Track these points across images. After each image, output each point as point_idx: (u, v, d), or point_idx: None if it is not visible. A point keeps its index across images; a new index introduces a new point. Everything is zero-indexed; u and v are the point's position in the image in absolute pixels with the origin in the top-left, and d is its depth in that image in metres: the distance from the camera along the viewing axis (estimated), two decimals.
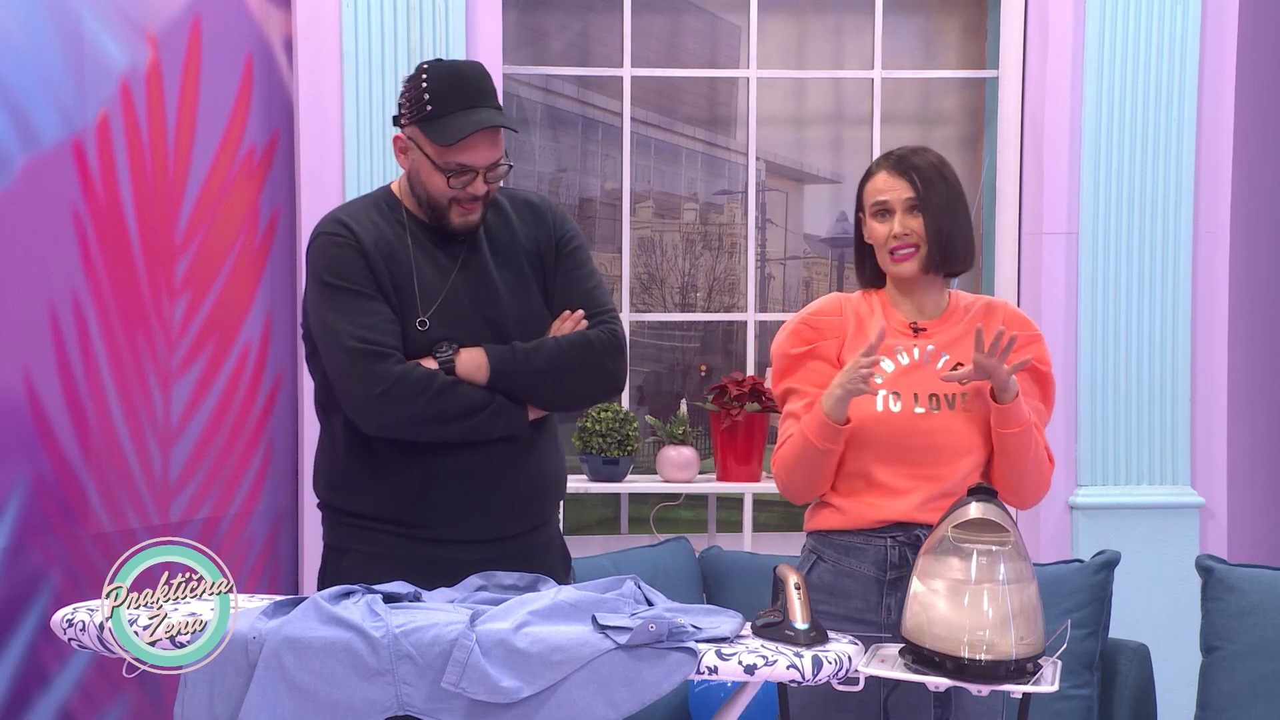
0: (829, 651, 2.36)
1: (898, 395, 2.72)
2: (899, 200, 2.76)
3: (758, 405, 4.29)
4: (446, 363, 2.76)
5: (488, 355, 2.77)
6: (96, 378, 3.58)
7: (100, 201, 3.60)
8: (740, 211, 4.87)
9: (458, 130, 2.73)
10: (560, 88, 4.83)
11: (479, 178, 2.78)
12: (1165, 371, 4.32)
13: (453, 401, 2.74)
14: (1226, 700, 3.54)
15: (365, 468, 2.82)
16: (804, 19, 4.89)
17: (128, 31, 3.69)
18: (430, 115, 2.75)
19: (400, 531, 2.81)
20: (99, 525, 3.59)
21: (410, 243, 2.82)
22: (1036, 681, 2.35)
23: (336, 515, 2.89)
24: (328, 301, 2.77)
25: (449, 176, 2.77)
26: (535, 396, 2.81)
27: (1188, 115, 4.29)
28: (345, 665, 2.30)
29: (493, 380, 2.77)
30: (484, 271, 2.85)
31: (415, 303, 2.79)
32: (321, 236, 2.82)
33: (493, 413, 2.77)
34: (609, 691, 2.30)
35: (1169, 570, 4.18)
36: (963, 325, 2.80)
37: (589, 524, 5.03)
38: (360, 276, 2.76)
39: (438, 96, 2.74)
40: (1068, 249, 4.34)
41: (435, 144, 2.75)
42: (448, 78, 2.77)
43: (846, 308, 2.83)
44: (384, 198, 2.89)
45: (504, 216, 2.90)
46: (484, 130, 2.74)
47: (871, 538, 2.73)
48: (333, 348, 2.76)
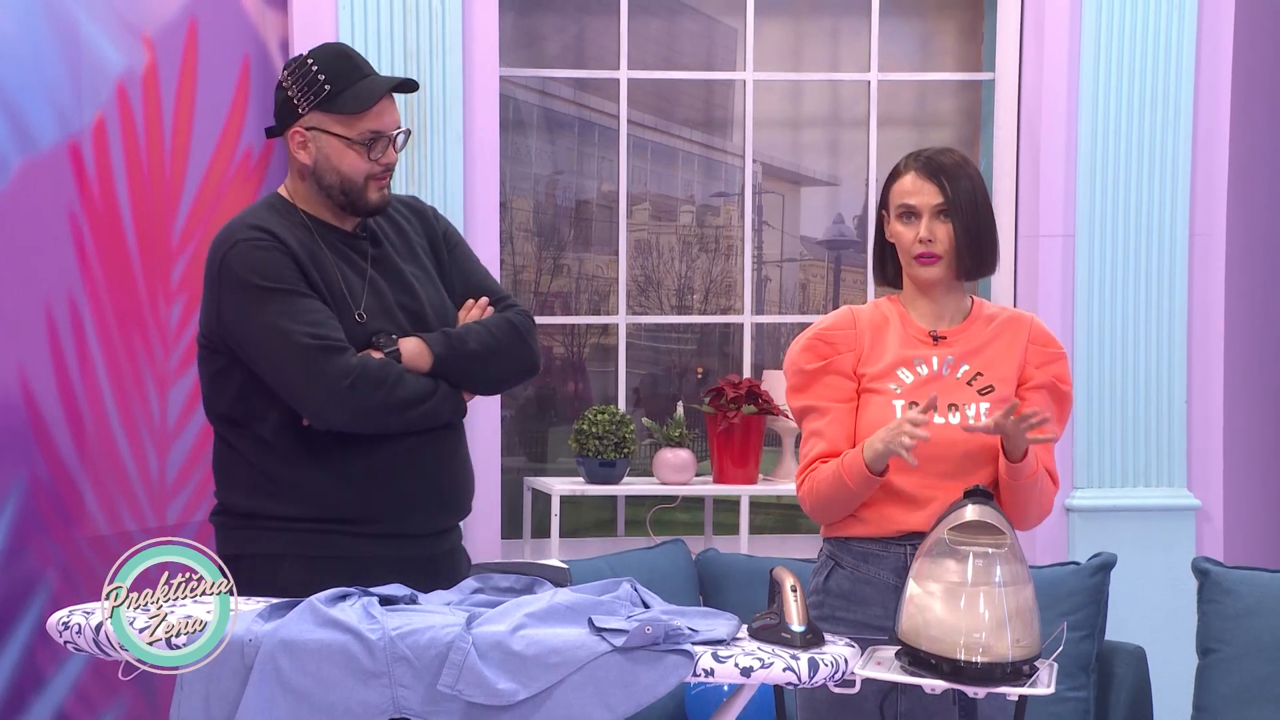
0: (825, 654, 2.36)
1: (916, 406, 2.70)
2: (927, 205, 2.71)
3: (754, 408, 4.29)
4: (392, 352, 2.79)
5: (427, 343, 2.83)
6: (93, 380, 3.58)
7: (97, 203, 3.60)
8: (737, 214, 4.88)
9: (368, 96, 2.80)
10: (557, 90, 4.83)
11: (390, 145, 2.84)
12: (1161, 374, 4.32)
13: (409, 389, 2.78)
14: (1222, 702, 3.54)
15: (304, 469, 2.80)
16: (800, 21, 4.90)
17: (124, 34, 3.69)
18: (331, 94, 2.80)
19: (343, 530, 2.81)
20: (95, 528, 3.58)
21: (322, 243, 2.85)
22: (1033, 684, 2.35)
23: (265, 522, 2.83)
24: (268, 305, 2.75)
25: (367, 148, 2.81)
26: (471, 380, 2.89)
27: (1184, 118, 4.30)
28: (341, 668, 2.30)
29: (435, 366, 2.82)
30: (394, 266, 2.90)
31: (346, 299, 2.82)
32: (240, 244, 2.79)
33: (441, 398, 2.83)
34: (605, 694, 2.29)
35: (1165, 573, 4.19)
36: (985, 334, 2.77)
37: (586, 526, 5.03)
38: (293, 277, 2.77)
39: (334, 74, 2.80)
40: (1064, 252, 4.34)
41: (346, 116, 2.80)
42: (336, 57, 2.84)
43: (860, 319, 2.79)
44: (275, 203, 2.90)
45: (390, 217, 2.96)
46: (387, 95, 2.82)
47: (890, 545, 2.71)
48: (284, 348, 2.74)
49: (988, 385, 2.73)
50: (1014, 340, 2.77)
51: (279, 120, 2.87)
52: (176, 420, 3.85)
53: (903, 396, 2.71)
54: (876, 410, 2.73)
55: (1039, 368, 2.77)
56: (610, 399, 4.64)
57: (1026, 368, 2.76)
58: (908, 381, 2.73)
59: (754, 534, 4.49)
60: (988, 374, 2.74)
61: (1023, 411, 2.59)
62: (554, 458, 5.01)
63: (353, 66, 2.84)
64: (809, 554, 4.36)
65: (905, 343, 2.76)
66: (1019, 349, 2.77)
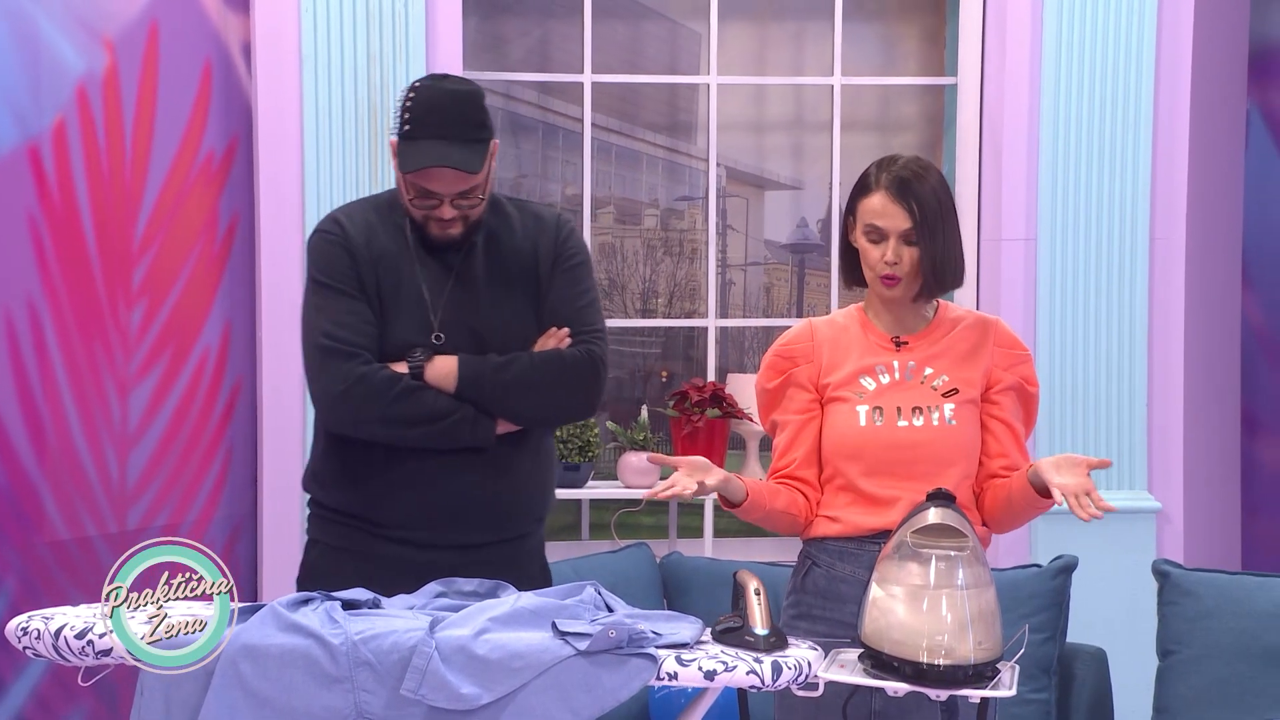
0: (789, 657, 2.36)
1: (880, 410, 2.72)
2: (895, 229, 2.70)
3: (719, 411, 4.30)
4: (416, 367, 2.76)
5: (458, 364, 2.78)
6: (53, 384, 3.55)
7: (56, 207, 3.58)
8: (701, 217, 4.88)
9: (414, 160, 2.72)
10: (521, 93, 4.83)
11: (444, 204, 2.76)
12: (1122, 377, 4.35)
13: (416, 406, 2.74)
14: (1183, 704, 3.56)
15: (339, 463, 2.84)
16: (764, 25, 4.91)
17: (84, 37, 3.67)
18: (404, 135, 2.75)
19: (367, 528, 2.82)
20: (55, 532, 3.56)
21: (413, 248, 2.82)
22: (994, 686, 2.36)
23: (314, 508, 2.92)
24: (312, 297, 2.80)
25: (413, 197, 2.77)
26: (503, 409, 2.80)
27: (1144, 123, 4.33)
28: (303, 673, 2.29)
29: (460, 389, 2.77)
30: (474, 283, 2.84)
31: (421, 307, 2.80)
32: (317, 233, 2.84)
33: (458, 421, 2.77)
34: (569, 698, 2.29)
35: (1126, 575, 4.21)
36: (948, 338, 2.78)
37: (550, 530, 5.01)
38: (343, 274, 2.77)
39: (414, 119, 2.73)
40: (1026, 255, 4.37)
41: (399, 166, 2.76)
42: (427, 101, 2.74)
43: (818, 332, 2.81)
44: (384, 199, 2.90)
45: (508, 225, 2.89)
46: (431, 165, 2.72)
47: (865, 543, 2.73)
48: (305, 342, 2.80)
49: (952, 388, 2.75)
50: (978, 343, 2.79)
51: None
52: (138, 424, 3.82)
53: (865, 403, 2.73)
54: (841, 419, 2.75)
55: (1006, 370, 2.79)
56: None
57: (994, 371, 2.78)
58: (870, 389, 2.75)
59: (718, 537, 4.49)
60: (952, 377, 2.75)
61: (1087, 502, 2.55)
62: None
63: (432, 122, 2.72)
64: (773, 557, 4.38)
65: (867, 350, 2.78)
66: (984, 352, 2.79)
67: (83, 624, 2.38)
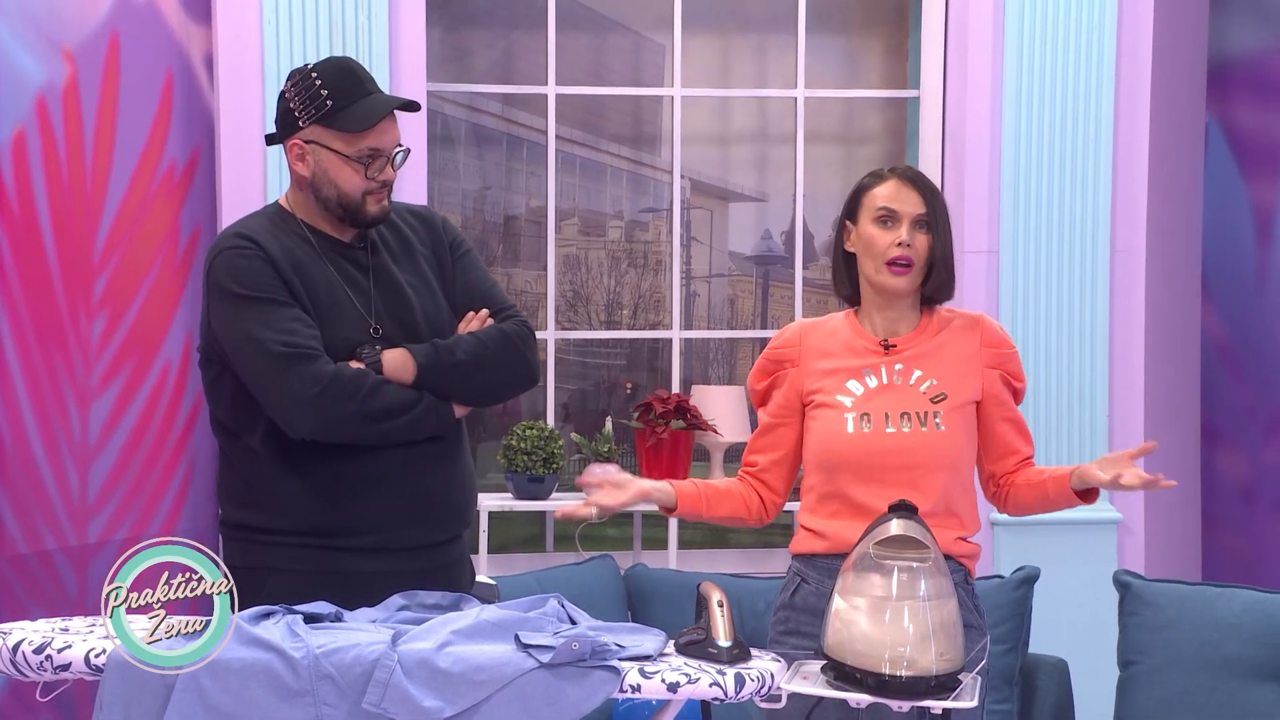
0: (751, 669, 2.36)
1: (868, 417, 2.72)
2: (909, 213, 2.73)
3: (683, 423, 4.30)
4: (373, 363, 2.76)
5: (412, 353, 2.79)
6: (11, 396, 3.53)
7: (16, 218, 3.55)
8: (665, 229, 4.89)
9: (369, 115, 2.77)
10: (485, 105, 4.82)
11: (389, 163, 2.82)
12: (1084, 388, 4.37)
13: (387, 399, 2.75)
14: (1144, 714, 3.58)
15: (289, 481, 2.79)
16: (728, 38, 4.92)
17: (44, 48, 3.65)
18: (333, 109, 2.77)
19: (327, 545, 2.78)
20: (14, 546, 3.53)
21: (320, 253, 2.83)
22: (957, 697, 2.36)
23: (253, 535, 2.83)
24: (243, 313, 2.75)
25: (365, 165, 2.79)
26: (460, 391, 2.84)
27: (1104, 136, 4.36)
28: (265, 686, 2.28)
29: (419, 377, 2.79)
30: (390, 276, 2.88)
31: (350, 308, 2.80)
32: (224, 253, 2.79)
33: (424, 410, 2.78)
34: (532, 710, 2.29)
35: (1087, 585, 4.23)
36: (937, 340, 2.79)
37: (514, 542, 5.01)
38: (271, 285, 2.76)
39: (337, 90, 2.78)
40: (988, 268, 4.39)
41: (346, 134, 2.77)
42: (340, 72, 2.81)
43: (807, 335, 2.84)
44: (275, 213, 2.89)
45: (395, 226, 2.94)
46: (388, 114, 2.80)
47: None
48: (256, 356, 2.73)
49: (940, 393, 2.75)
50: (967, 345, 2.80)
51: (279, 129, 2.85)
52: (98, 437, 3.80)
53: (853, 410, 2.73)
54: (828, 425, 2.75)
55: (995, 368, 2.81)
56: (539, 414, 4.64)
57: (987, 372, 2.80)
58: (858, 393, 2.75)
59: (682, 549, 4.49)
60: (941, 381, 2.76)
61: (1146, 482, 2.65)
62: (482, 473, 4.99)
63: (356, 82, 2.81)
64: (737, 569, 4.38)
65: (855, 354, 2.79)
66: (973, 354, 2.80)
67: (40, 639, 2.37)
